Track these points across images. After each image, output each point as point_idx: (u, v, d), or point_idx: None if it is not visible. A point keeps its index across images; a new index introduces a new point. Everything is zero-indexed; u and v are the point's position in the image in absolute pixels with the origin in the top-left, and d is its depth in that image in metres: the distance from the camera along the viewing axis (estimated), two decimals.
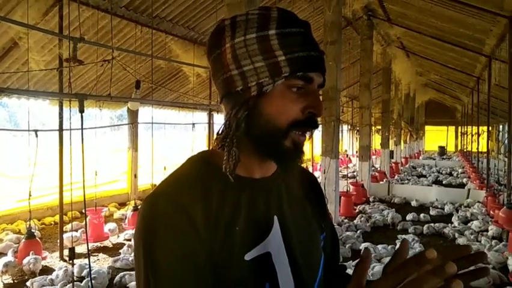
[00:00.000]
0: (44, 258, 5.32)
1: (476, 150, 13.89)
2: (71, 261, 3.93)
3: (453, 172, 16.07)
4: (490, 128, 10.61)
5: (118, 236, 6.59)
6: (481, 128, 13.06)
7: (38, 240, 5.68)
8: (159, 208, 0.71)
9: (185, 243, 0.69)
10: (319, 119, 0.82)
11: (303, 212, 0.87)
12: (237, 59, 0.74)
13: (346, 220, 7.45)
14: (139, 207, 7.55)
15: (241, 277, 0.72)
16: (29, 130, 5.00)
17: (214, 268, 0.70)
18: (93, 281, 4.38)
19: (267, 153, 0.78)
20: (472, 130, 16.54)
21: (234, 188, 0.76)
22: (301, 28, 0.75)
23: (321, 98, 0.82)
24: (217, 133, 0.79)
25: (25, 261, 4.90)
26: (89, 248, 5.97)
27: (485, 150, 11.35)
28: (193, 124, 8.92)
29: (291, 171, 0.82)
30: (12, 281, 4.83)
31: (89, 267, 3.94)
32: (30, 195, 5.12)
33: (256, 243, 0.75)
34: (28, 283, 4.60)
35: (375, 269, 4.84)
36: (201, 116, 12.69)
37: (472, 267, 0.59)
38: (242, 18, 0.75)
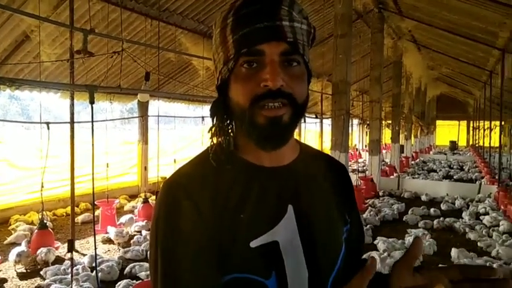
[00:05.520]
0: (56, 249, 5.41)
1: (488, 145, 13.73)
2: (70, 253, 3.96)
3: (464, 167, 15.91)
4: (503, 123, 10.47)
5: (129, 228, 6.63)
6: (493, 122, 12.89)
7: (50, 231, 5.77)
8: (171, 194, 0.75)
9: (189, 228, 0.73)
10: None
11: (324, 203, 0.85)
12: (213, 55, 0.81)
13: None
14: (149, 199, 7.64)
15: (245, 263, 0.74)
16: (41, 122, 5.07)
17: (218, 253, 0.73)
18: (102, 273, 4.45)
19: (247, 135, 0.77)
20: (484, 125, 16.34)
21: (246, 176, 0.78)
22: (256, 5, 0.73)
23: (302, 67, 0.76)
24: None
25: (39, 251, 5.01)
26: (100, 240, 6.07)
27: (497, 145, 11.22)
28: (203, 117, 8.96)
29: (273, 149, 0.77)
30: (25, 270, 4.92)
31: (95, 258, 3.99)
32: (42, 187, 5.21)
33: (262, 232, 0.75)
34: (42, 272, 4.70)
35: (388, 261, 4.83)
36: None
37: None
38: (218, 17, 0.78)
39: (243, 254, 0.73)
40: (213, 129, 0.81)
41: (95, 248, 4.01)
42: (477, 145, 20.70)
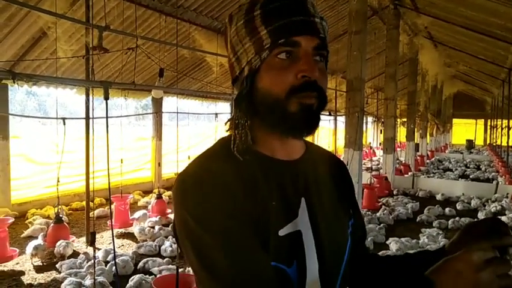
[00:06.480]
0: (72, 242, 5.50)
1: (506, 144, 13.48)
2: (92, 246, 4.02)
3: (481, 166, 15.64)
4: None
5: (143, 223, 6.70)
6: (511, 121, 12.65)
7: (66, 225, 5.86)
8: (193, 178, 0.73)
9: (228, 204, 0.71)
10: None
11: (331, 197, 0.87)
12: (232, 47, 0.81)
13: (369, 213, 7.37)
14: (162, 195, 7.69)
15: (274, 251, 0.74)
16: (57, 118, 5.15)
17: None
18: (117, 266, 4.51)
19: (274, 126, 0.78)
20: (502, 123, 16.05)
21: (263, 167, 0.79)
22: (282, 1, 0.75)
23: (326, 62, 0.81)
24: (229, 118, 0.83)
25: (57, 244, 5.09)
26: (115, 234, 6.14)
27: None
28: (216, 114, 9.01)
29: (303, 135, 0.79)
30: (41, 263, 5.01)
31: (114, 251, 4.04)
32: (58, 182, 5.29)
33: (288, 220, 0.77)
34: (57, 265, 4.79)
35: None
36: (224, 107, 12.78)
37: None
38: (236, 10, 0.80)
39: (272, 241, 0.74)
40: (235, 120, 0.81)
41: (113, 241, 4.05)
42: (494, 144, 20.32)
